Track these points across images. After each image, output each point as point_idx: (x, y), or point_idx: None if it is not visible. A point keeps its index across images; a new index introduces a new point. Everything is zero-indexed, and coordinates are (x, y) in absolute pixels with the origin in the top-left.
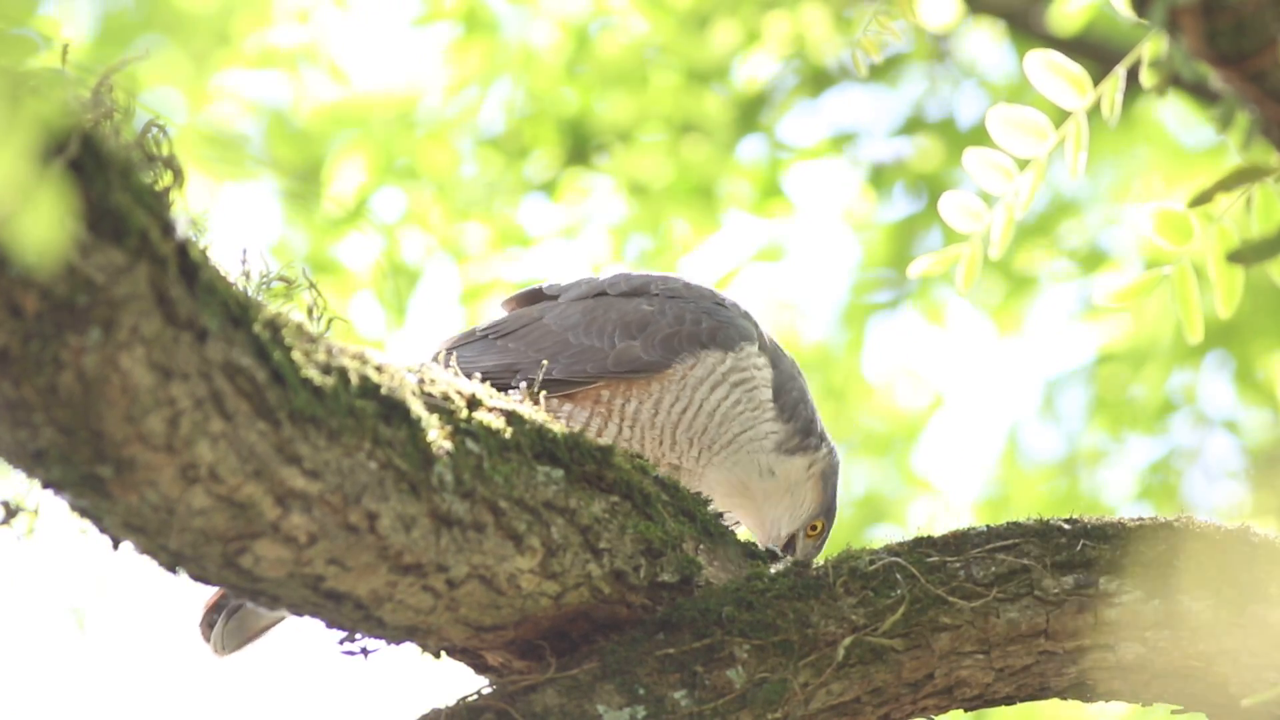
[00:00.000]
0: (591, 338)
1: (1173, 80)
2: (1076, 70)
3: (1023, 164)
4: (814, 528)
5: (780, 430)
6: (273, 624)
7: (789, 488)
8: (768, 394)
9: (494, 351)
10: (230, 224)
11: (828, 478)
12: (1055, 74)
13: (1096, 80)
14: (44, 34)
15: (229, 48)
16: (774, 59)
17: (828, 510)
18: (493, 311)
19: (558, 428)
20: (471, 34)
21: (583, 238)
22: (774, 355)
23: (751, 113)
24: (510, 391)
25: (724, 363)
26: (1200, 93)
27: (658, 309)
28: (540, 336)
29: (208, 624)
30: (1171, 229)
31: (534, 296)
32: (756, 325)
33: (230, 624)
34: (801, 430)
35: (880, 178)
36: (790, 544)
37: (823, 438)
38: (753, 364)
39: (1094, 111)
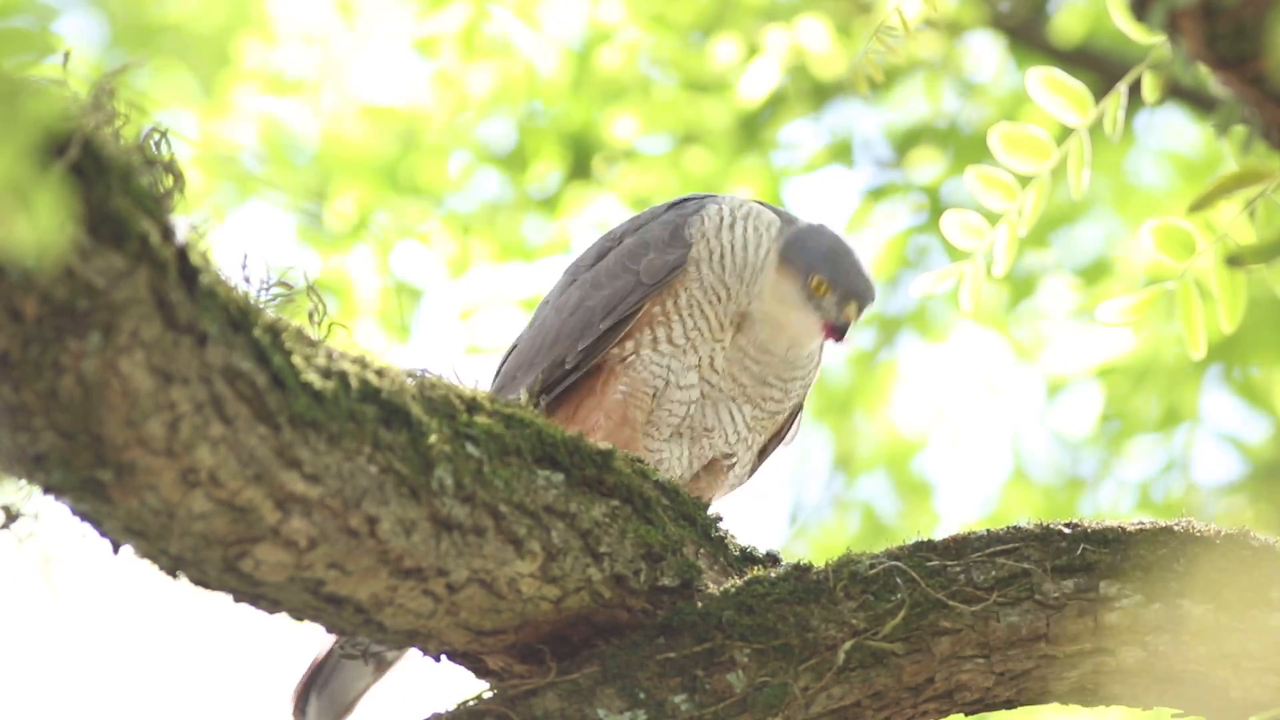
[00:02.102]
0: (605, 286)
1: (1172, 87)
2: (1078, 87)
3: (1025, 181)
4: (818, 285)
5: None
6: (363, 693)
7: (776, 298)
8: (771, 215)
9: (521, 379)
10: (236, 241)
11: (784, 253)
12: (1056, 91)
13: (1099, 91)
14: (50, 44)
15: (230, 68)
16: (775, 72)
17: (809, 266)
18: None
19: (558, 431)
20: (471, 51)
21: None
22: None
23: (752, 126)
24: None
25: (723, 208)
26: (1199, 101)
27: (637, 238)
28: (558, 332)
29: (300, 710)
30: (1173, 244)
31: (509, 354)
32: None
33: (323, 702)
34: (782, 225)
35: (880, 191)
36: (830, 327)
37: (790, 220)
38: (742, 200)
39: (1097, 125)
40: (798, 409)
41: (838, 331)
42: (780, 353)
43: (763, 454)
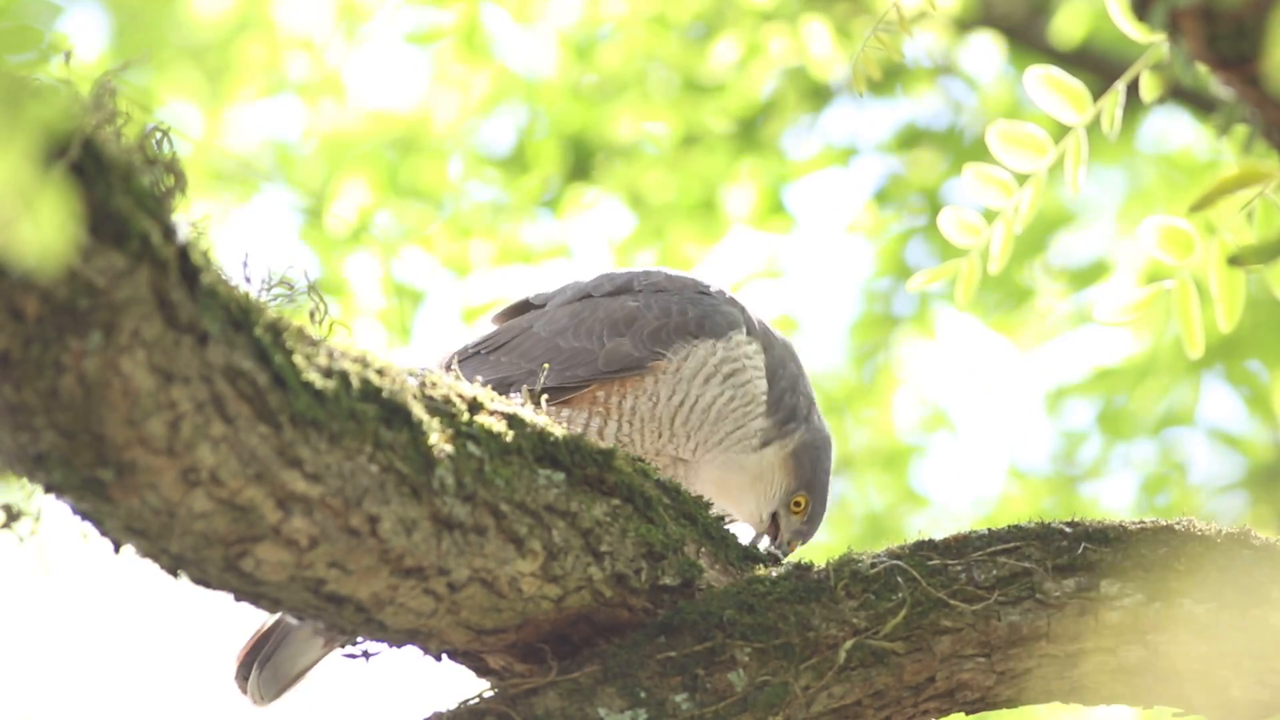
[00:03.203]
0: (581, 340)
1: (1173, 88)
2: (1076, 86)
3: (1022, 179)
4: (797, 504)
5: (768, 424)
6: (309, 667)
7: (756, 477)
8: (763, 384)
9: (487, 367)
10: (239, 241)
11: (800, 455)
12: (1054, 90)
13: (1099, 92)
14: (54, 42)
15: (233, 74)
16: (774, 73)
17: (807, 484)
18: (485, 326)
19: (559, 431)
20: (471, 52)
21: (585, 253)
22: (765, 339)
23: (752, 127)
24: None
25: (715, 354)
26: (1199, 102)
27: (643, 304)
28: (531, 346)
29: (243, 676)
30: (1173, 243)
31: (522, 308)
32: (744, 310)
33: (265, 673)
34: (780, 420)
35: (881, 192)
36: (775, 525)
37: (802, 419)
38: (743, 352)
39: (1094, 125)
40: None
41: (777, 549)
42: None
43: None
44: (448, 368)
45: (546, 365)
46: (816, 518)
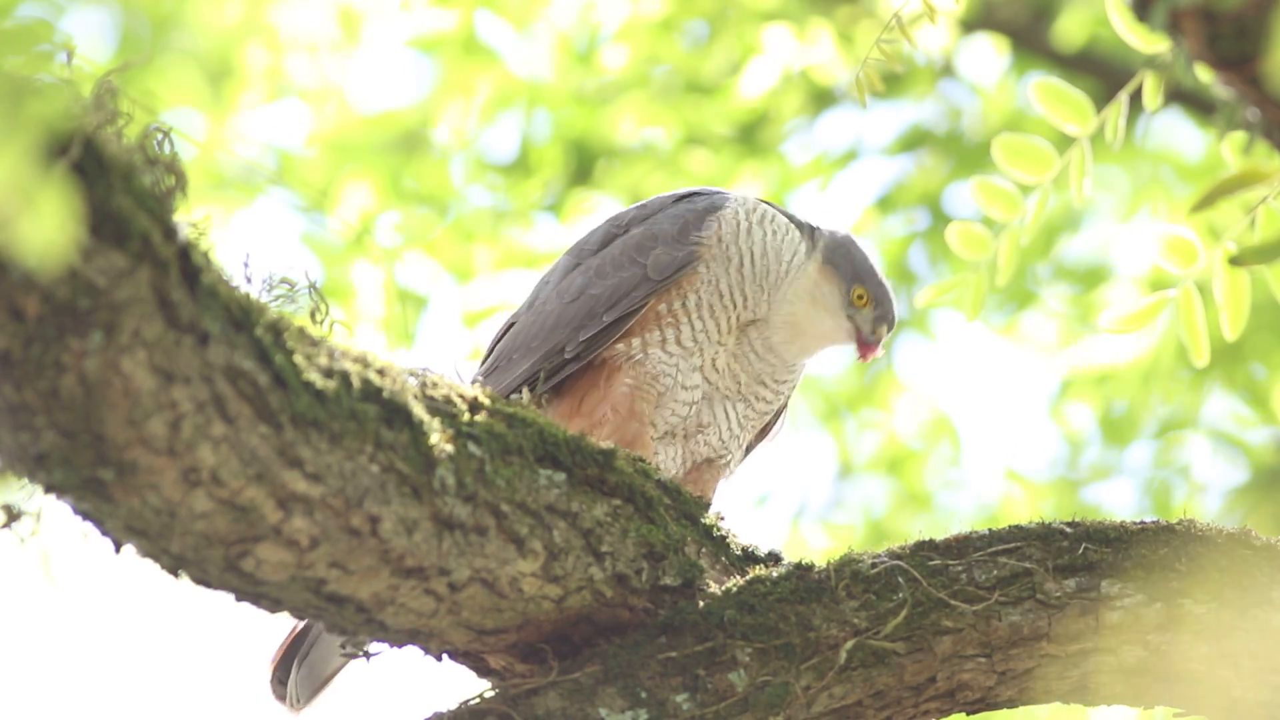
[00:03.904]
0: (612, 275)
1: (1174, 90)
2: (1078, 96)
3: (1027, 190)
4: (860, 297)
5: (803, 243)
6: (342, 666)
7: (811, 297)
8: (783, 219)
9: (520, 361)
10: (241, 243)
11: (830, 258)
12: (1056, 101)
13: (1102, 96)
14: (58, 45)
15: (236, 78)
16: (775, 76)
17: (855, 276)
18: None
19: (560, 431)
20: (471, 58)
21: None
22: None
23: (754, 131)
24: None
25: (738, 213)
26: (1200, 104)
27: (645, 228)
28: (559, 317)
29: (279, 680)
30: (1176, 252)
31: (506, 331)
32: (725, 190)
33: (302, 673)
34: (805, 237)
35: (885, 198)
36: (858, 327)
37: (815, 229)
38: (754, 202)
39: (1098, 132)
40: (783, 407)
41: (869, 347)
42: (786, 355)
43: (748, 450)
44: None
45: (581, 325)
46: (884, 299)
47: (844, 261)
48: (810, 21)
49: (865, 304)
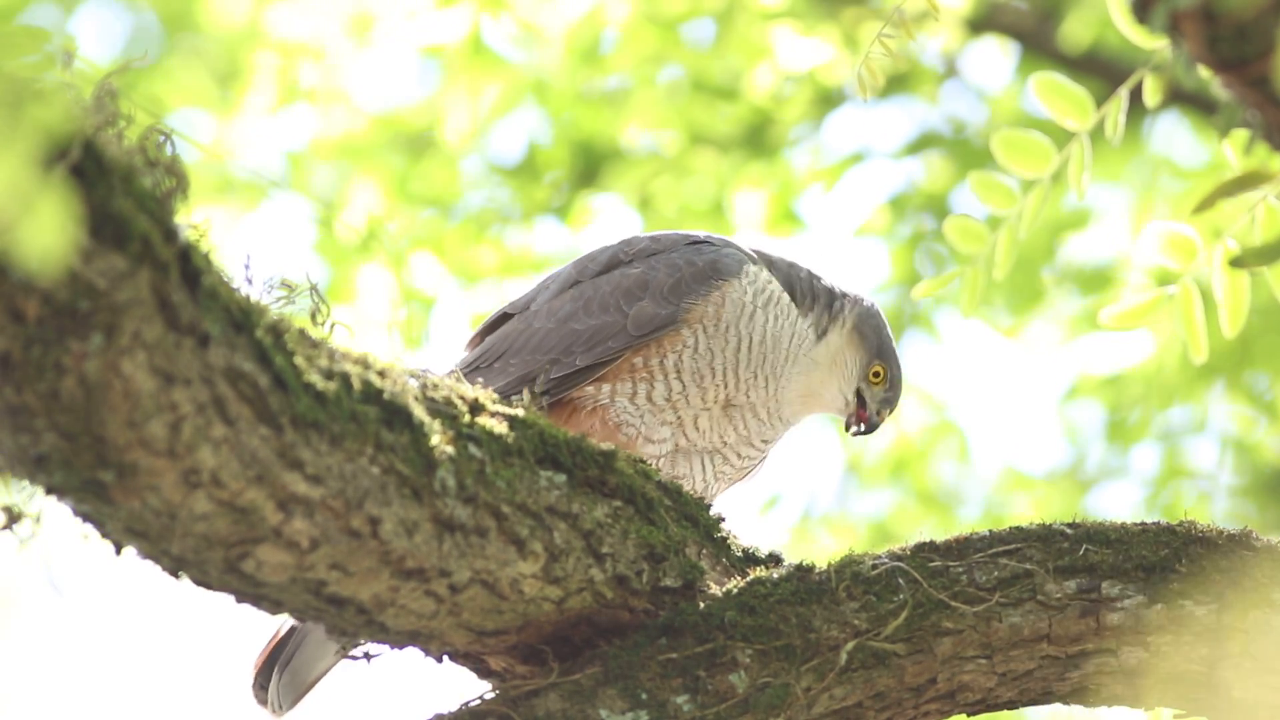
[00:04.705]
0: (596, 316)
1: (1174, 91)
2: (1078, 92)
3: (1027, 186)
4: (876, 374)
5: (809, 321)
6: (325, 673)
7: (830, 364)
8: (786, 297)
9: (496, 374)
10: (247, 246)
11: (860, 328)
12: (1056, 97)
13: (1107, 97)
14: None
15: (243, 80)
16: (781, 77)
17: (879, 351)
18: (460, 352)
19: (560, 432)
20: (478, 61)
21: None
22: (766, 261)
23: (760, 133)
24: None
25: (745, 291)
26: (1200, 104)
27: (646, 267)
28: (542, 339)
29: (260, 685)
30: (1176, 249)
31: (499, 321)
32: (738, 246)
33: (284, 679)
34: (823, 308)
35: (895, 202)
36: (863, 402)
37: (843, 297)
38: (763, 279)
39: (1099, 130)
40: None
41: (869, 425)
42: (789, 416)
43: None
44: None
45: (558, 357)
46: (897, 382)
47: (872, 334)
48: (816, 22)
49: (880, 382)
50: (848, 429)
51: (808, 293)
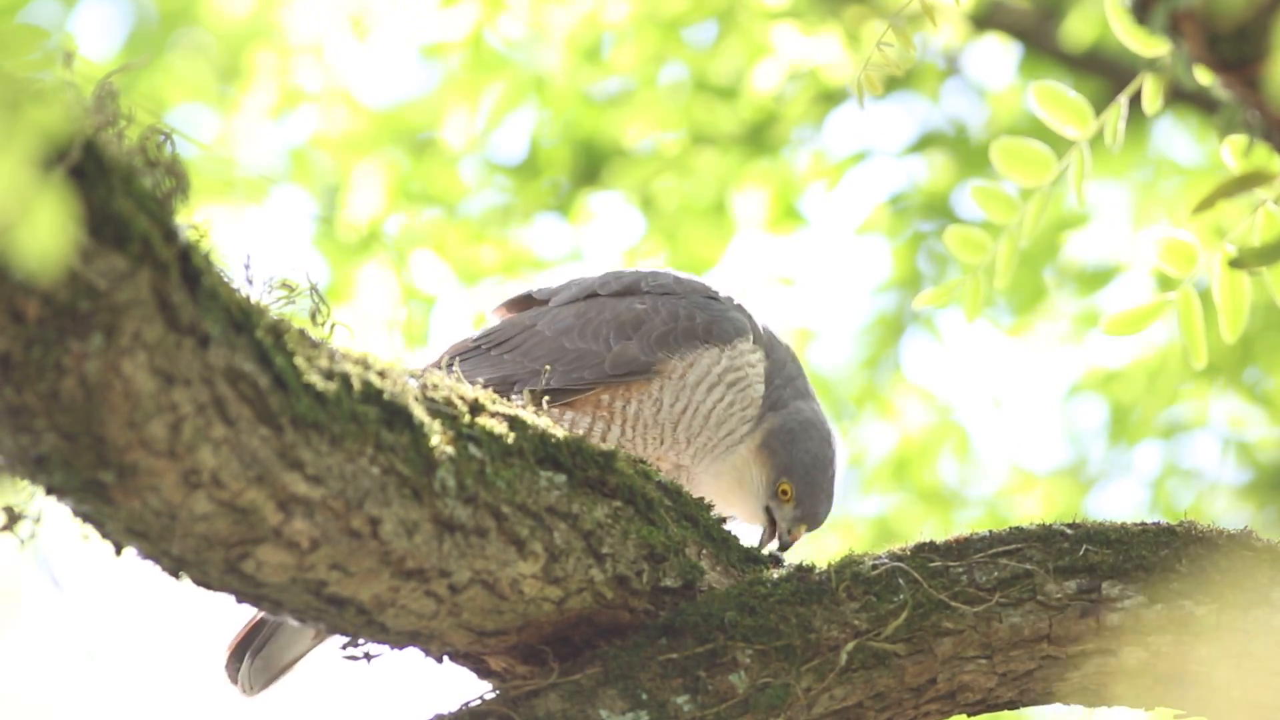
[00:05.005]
0: (586, 341)
1: (1175, 91)
2: (1077, 100)
3: (1027, 194)
4: (783, 491)
5: (751, 423)
6: (298, 659)
7: (737, 477)
8: (761, 389)
9: (488, 364)
10: (248, 246)
11: (769, 442)
12: (1055, 105)
13: (1110, 96)
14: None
15: (245, 78)
16: (784, 77)
17: (785, 469)
18: (488, 320)
19: (560, 432)
20: (480, 61)
21: (597, 257)
22: (769, 344)
23: (762, 132)
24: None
25: (719, 362)
26: (1202, 104)
27: (650, 307)
28: (535, 345)
29: (233, 666)
30: (1175, 256)
31: (525, 302)
32: (750, 316)
33: (256, 663)
34: (760, 414)
35: (895, 200)
36: (772, 519)
37: (774, 406)
38: (746, 361)
39: (1099, 136)
40: None
41: (781, 545)
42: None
43: None
44: (449, 364)
45: (549, 366)
46: (807, 500)
47: (781, 450)
48: (818, 21)
49: (788, 500)
50: (761, 546)
51: (771, 394)
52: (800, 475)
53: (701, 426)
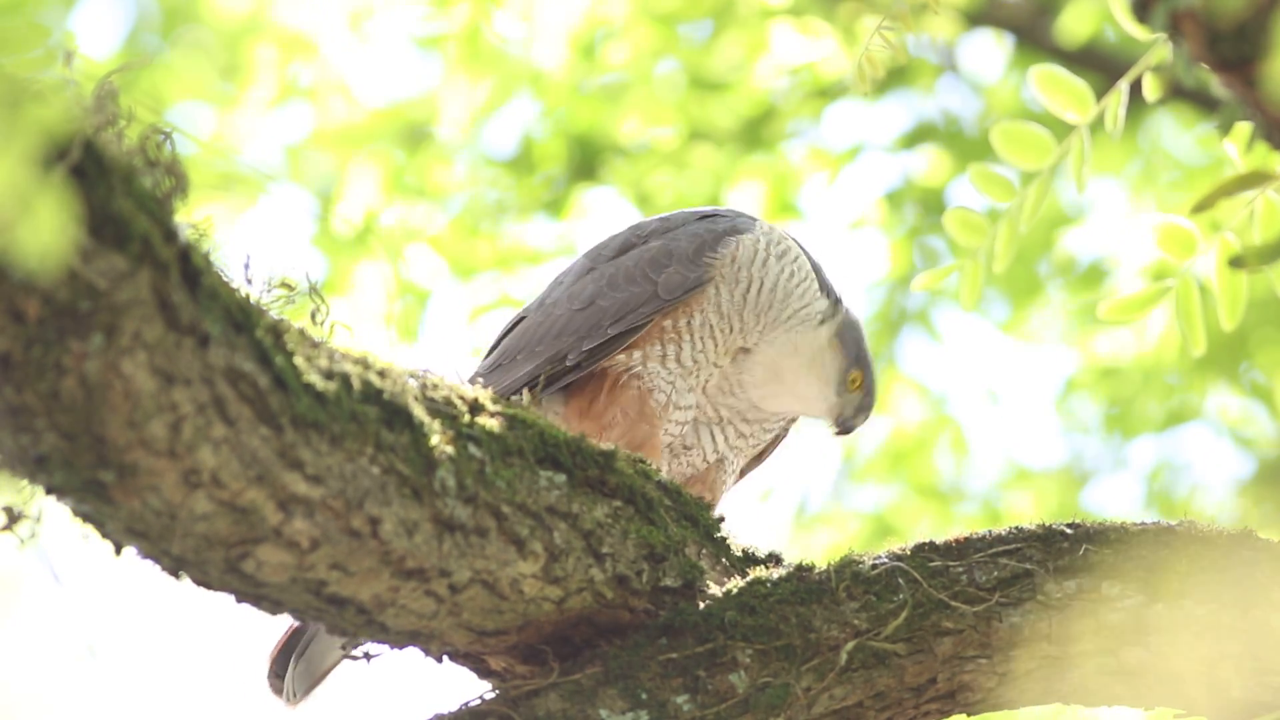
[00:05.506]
0: (624, 289)
1: (1174, 89)
2: (1078, 85)
3: (1026, 179)
4: (854, 380)
5: (826, 305)
6: (338, 662)
7: (811, 359)
8: (806, 263)
9: (522, 364)
10: (244, 243)
11: (845, 334)
12: (1056, 90)
13: (1104, 92)
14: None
15: (243, 74)
16: (780, 72)
17: (857, 360)
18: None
19: (560, 432)
20: (475, 56)
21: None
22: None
23: (759, 126)
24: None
25: (759, 241)
26: (1201, 101)
27: (666, 241)
28: (567, 322)
29: (276, 674)
30: (1174, 243)
31: (516, 324)
32: (751, 216)
33: (299, 668)
34: (833, 300)
35: (892, 196)
36: (847, 412)
37: (839, 300)
38: (778, 233)
39: (1098, 123)
40: (781, 437)
41: (845, 428)
42: (760, 401)
43: (741, 473)
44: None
45: (585, 335)
46: (872, 392)
47: (853, 343)
48: (814, 17)
49: (856, 388)
50: (832, 424)
51: (826, 282)
52: (869, 369)
53: (770, 300)
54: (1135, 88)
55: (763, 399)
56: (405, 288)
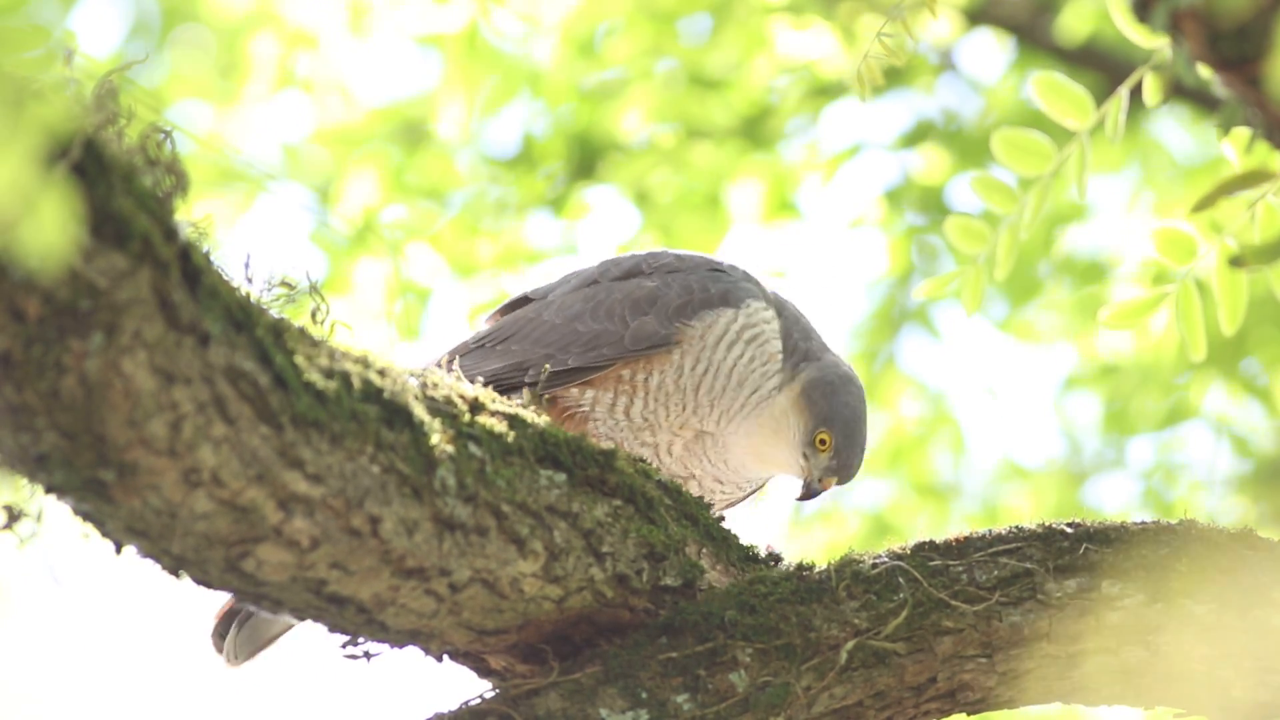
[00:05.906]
0: (601, 321)
1: (1175, 88)
2: (1078, 91)
3: (1026, 184)
4: (822, 441)
5: (781, 375)
6: (283, 631)
7: (775, 426)
8: (778, 344)
9: (495, 356)
10: (244, 242)
11: (809, 391)
12: (1056, 96)
13: (1104, 90)
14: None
15: (242, 71)
16: (779, 70)
17: (824, 419)
18: (483, 324)
19: (560, 432)
20: (474, 55)
21: (591, 251)
22: (778, 305)
23: (758, 125)
24: (520, 390)
25: (736, 320)
26: (1201, 101)
27: (661, 283)
28: (545, 332)
29: (219, 634)
30: (1174, 247)
31: (520, 303)
32: (758, 282)
33: (242, 633)
34: (792, 365)
35: (891, 195)
36: (814, 475)
37: (812, 359)
38: (761, 318)
39: (1099, 126)
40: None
41: (810, 494)
42: (740, 469)
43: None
44: (448, 364)
45: (555, 354)
46: (845, 452)
47: (822, 400)
48: (813, 16)
49: (825, 450)
50: (804, 487)
51: (793, 348)
52: (840, 427)
53: (724, 386)
54: (1135, 88)
55: (745, 468)
56: (405, 286)
